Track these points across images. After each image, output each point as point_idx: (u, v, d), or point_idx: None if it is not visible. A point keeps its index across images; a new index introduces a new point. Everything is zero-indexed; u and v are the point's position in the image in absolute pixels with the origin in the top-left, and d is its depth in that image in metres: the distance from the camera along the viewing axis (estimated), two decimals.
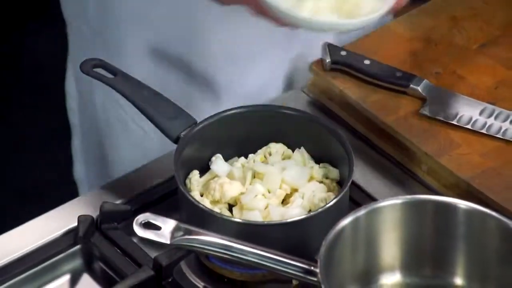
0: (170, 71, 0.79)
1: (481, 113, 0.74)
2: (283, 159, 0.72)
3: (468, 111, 0.74)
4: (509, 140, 0.73)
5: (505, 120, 0.74)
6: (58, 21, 0.84)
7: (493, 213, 0.65)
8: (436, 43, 0.79)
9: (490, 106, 0.75)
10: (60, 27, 0.84)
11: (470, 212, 0.66)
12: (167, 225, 0.65)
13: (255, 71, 0.80)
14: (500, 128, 0.74)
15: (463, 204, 0.66)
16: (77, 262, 0.70)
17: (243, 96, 0.80)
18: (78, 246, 0.70)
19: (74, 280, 0.70)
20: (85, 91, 0.84)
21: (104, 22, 0.79)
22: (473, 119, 0.74)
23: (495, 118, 0.74)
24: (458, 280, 0.66)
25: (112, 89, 0.71)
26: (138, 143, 0.82)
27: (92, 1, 0.80)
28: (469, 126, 0.74)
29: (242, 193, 0.69)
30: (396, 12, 0.68)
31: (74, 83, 0.85)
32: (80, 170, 0.89)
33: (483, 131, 0.74)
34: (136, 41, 0.73)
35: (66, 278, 0.70)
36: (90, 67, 0.72)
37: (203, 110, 0.72)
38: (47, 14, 1.35)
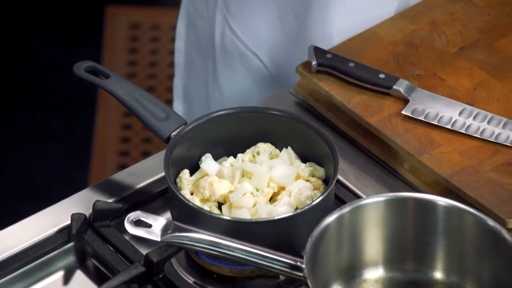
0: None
1: (460, 114, 0.77)
2: (271, 158, 0.74)
3: (448, 111, 0.77)
4: (487, 140, 0.75)
5: (483, 121, 0.76)
6: (57, 24, 0.85)
7: (471, 209, 0.67)
8: (417, 46, 0.81)
9: (469, 107, 0.77)
10: (57, 31, 0.85)
11: (449, 209, 0.68)
12: (158, 222, 0.66)
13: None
14: (478, 128, 0.76)
15: (442, 201, 0.68)
16: (70, 259, 0.72)
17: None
18: (71, 244, 0.72)
19: (67, 277, 0.71)
20: (199, 27, 0.84)
21: None
22: (453, 120, 0.76)
23: (474, 118, 0.76)
24: (438, 274, 0.68)
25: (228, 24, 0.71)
26: (254, 73, 0.82)
27: None
28: (449, 126, 0.76)
29: (231, 192, 0.71)
30: None
31: (184, 24, 0.87)
32: (178, 108, 0.90)
33: (462, 131, 0.76)
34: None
35: (59, 274, 0.71)
36: (82, 69, 0.74)
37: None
38: (45, 18, 1.36)
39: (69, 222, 0.71)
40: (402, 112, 0.77)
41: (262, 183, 0.71)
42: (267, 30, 0.81)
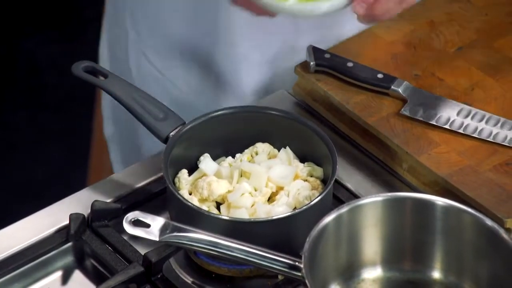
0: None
1: (458, 114, 0.77)
2: (269, 158, 0.74)
3: (446, 111, 0.77)
4: (485, 139, 0.76)
5: (480, 120, 0.77)
6: (54, 25, 0.85)
7: (469, 209, 0.68)
8: (415, 46, 0.81)
9: (467, 107, 0.77)
10: (56, 31, 0.85)
11: (447, 209, 0.68)
12: (156, 222, 0.67)
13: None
14: (476, 128, 0.76)
15: (440, 200, 0.68)
16: (69, 259, 0.72)
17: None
18: (69, 244, 0.72)
19: (65, 277, 0.71)
20: (118, 53, 0.85)
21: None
22: (451, 119, 0.76)
23: (472, 118, 0.77)
24: (436, 274, 0.69)
25: (143, 51, 0.72)
26: (170, 98, 0.82)
27: None
28: (447, 126, 0.76)
29: (229, 192, 0.71)
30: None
31: (107, 47, 0.87)
32: (109, 130, 0.90)
33: (460, 130, 0.76)
34: (170, 15, 0.74)
35: (58, 274, 0.71)
36: (80, 69, 0.74)
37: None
38: (43, 17, 1.36)
39: (67, 222, 0.71)
40: (401, 112, 0.77)
41: (261, 183, 0.71)
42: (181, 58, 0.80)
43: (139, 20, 0.83)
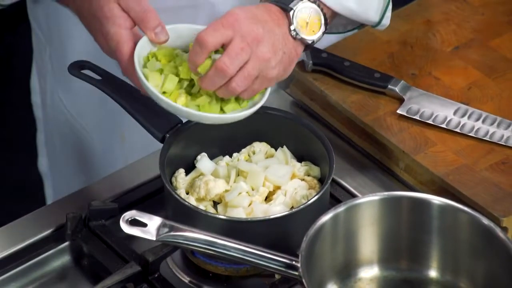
0: None
1: (455, 113, 0.77)
2: (266, 157, 0.74)
3: (443, 111, 0.77)
4: (481, 139, 0.76)
5: (477, 120, 0.77)
6: None
7: (465, 208, 0.68)
8: (412, 45, 0.81)
9: (464, 106, 0.78)
10: None
11: (443, 207, 0.68)
12: (153, 222, 0.67)
13: None
14: (473, 127, 0.76)
15: (437, 199, 0.68)
16: (66, 259, 0.72)
17: None
18: (66, 243, 0.72)
19: (63, 276, 0.71)
20: (45, 89, 0.85)
21: (52, 33, 0.81)
22: (448, 119, 0.77)
23: (468, 117, 0.77)
24: (433, 272, 0.69)
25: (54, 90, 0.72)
26: (80, 142, 0.83)
27: (42, 12, 0.82)
28: (444, 125, 0.76)
29: (226, 191, 0.71)
30: None
31: (37, 79, 0.87)
32: (44, 164, 0.90)
33: (457, 130, 0.76)
34: (77, 56, 0.74)
35: (55, 274, 0.71)
36: (77, 68, 0.74)
37: None
38: None
39: (64, 221, 0.71)
40: (397, 111, 0.77)
41: (258, 182, 0.71)
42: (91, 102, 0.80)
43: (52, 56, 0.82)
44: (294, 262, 0.65)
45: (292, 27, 0.67)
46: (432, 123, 0.76)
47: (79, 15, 0.69)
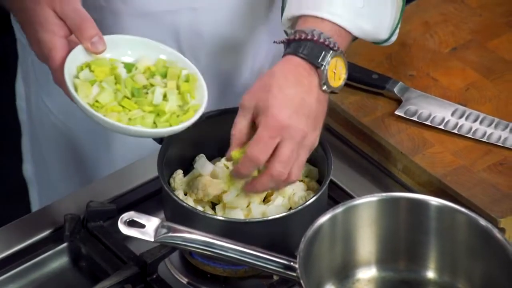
0: None
1: (452, 114, 0.77)
2: None
3: (441, 112, 0.77)
4: (479, 140, 0.76)
5: (475, 121, 0.77)
6: None
7: (463, 209, 0.68)
8: (410, 47, 0.82)
9: (461, 107, 0.78)
10: None
11: (441, 208, 0.68)
12: (151, 223, 0.67)
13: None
14: (471, 128, 0.76)
15: (434, 200, 0.68)
16: (64, 260, 0.72)
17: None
18: (64, 244, 0.72)
19: (61, 277, 0.71)
20: (29, 93, 0.85)
21: None
22: (445, 120, 0.77)
23: (466, 118, 0.77)
24: (430, 273, 0.69)
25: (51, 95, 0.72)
26: (67, 146, 0.82)
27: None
28: (441, 126, 0.77)
29: (224, 192, 0.71)
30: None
31: (22, 84, 0.86)
32: (29, 169, 0.89)
33: (455, 131, 0.76)
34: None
35: (53, 275, 0.71)
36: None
37: None
38: None
39: (62, 222, 0.71)
40: (395, 112, 0.77)
41: None
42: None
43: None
44: (292, 263, 0.65)
45: (323, 83, 0.66)
46: (430, 124, 0.76)
47: (18, 20, 0.68)
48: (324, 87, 0.67)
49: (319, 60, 0.66)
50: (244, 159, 0.66)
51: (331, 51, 0.66)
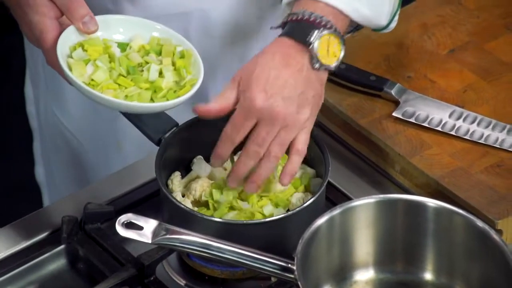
0: None
1: (450, 116, 0.77)
2: None
3: (438, 113, 0.77)
4: (476, 141, 0.76)
5: (472, 122, 0.77)
6: None
7: (460, 211, 0.68)
8: (407, 48, 0.82)
9: (459, 109, 0.78)
10: None
11: (438, 210, 0.68)
12: (149, 225, 0.67)
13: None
14: (468, 130, 0.77)
15: (432, 202, 0.68)
16: (61, 262, 0.71)
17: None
18: (62, 246, 0.71)
19: (58, 279, 0.71)
20: (38, 98, 0.85)
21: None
22: (443, 122, 0.77)
23: (463, 120, 0.77)
24: (428, 275, 0.69)
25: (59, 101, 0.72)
26: (74, 153, 0.83)
27: None
28: (439, 128, 0.77)
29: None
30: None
31: (31, 89, 0.86)
32: (41, 173, 0.90)
33: (452, 132, 0.76)
34: None
35: (50, 277, 0.71)
36: None
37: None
38: None
39: (60, 224, 0.71)
40: (393, 114, 0.77)
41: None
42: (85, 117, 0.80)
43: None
44: (289, 265, 0.65)
45: (314, 61, 0.66)
46: (427, 125, 0.76)
47: (7, 4, 0.67)
48: (316, 65, 0.66)
49: (307, 38, 0.65)
50: (221, 139, 0.66)
51: (322, 28, 0.65)
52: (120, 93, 0.66)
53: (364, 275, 0.69)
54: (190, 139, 0.73)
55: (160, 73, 0.67)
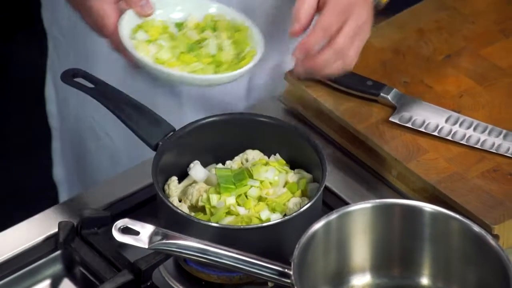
0: (138, 79, 0.81)
1: (446, 121, 0.77)
2: (258, 164, 0.73)
3: (435, 118, 0.77)
4: (473, 146, 0.76)
5: (469, 127, 0.77)
6: (44, 32, 0.86)
7: (456, 216, 0.68)
8: (404, 54, 0.82)
9: (455, 114, 0.78)
10: (46, 38, 0.85)
11: (435, 215, 0.68)
12: (145, 230, 0.67)
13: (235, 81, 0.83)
14: (464, 135, 0.77)
15: (428, 207, 0.68)
16: (58, 267, 0.71)
17: (222, 104, 0.82)
18: (58, 252, 0.71)
19: (54, 285, 0.71)
20: (62, 98, 0.86)
21: (76, 32, 0.81)
22: (440, 127, 0.77)
23: (460, 125, 0.77)
24: (425, 280, 0.69)
25: (86, 99, 0.73)
26: (107, 152, 0.84)
27: (65, 12, 0.82)
28: (435, 133, 0.77)
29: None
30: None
31: (53, 89, 0.87)
32: (59, 173, 0.90)
33: (449, 137, 0.77)
34: (106, 50, 0.75)
35: (46, 283, 0.71)
36: (70, 76, 0.74)
37: (176, 121, 0.74)
38: (34, 25, 1.36)
39: (56, 230, 0.71)
40: (390, 119, 0.77)
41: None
42: None
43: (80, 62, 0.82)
44: (286, 270, 0.65)
45: None
46: (424, 130, 0.77)
47: None
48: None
49: None
50: (317, 27, 0.68)
51: None
52: (185, 70, 0.68)
53: (361, 280, 0.69)
54: (187, 144, 0.73)
55: (219, 48, 0.69)
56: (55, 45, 0.84)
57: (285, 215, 0.70)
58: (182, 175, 0.73)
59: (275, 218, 0.69)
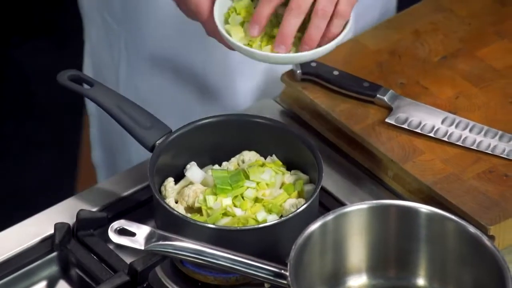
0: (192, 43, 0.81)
1: (442, 122, 0.77)
2: (254, 165, 0.73)
3: (431, 120, 0.77)
4: (469, 147, 0.76)
5: (465, 129, 0.77)
6: (42, 34, 0.86)
7: (452, 217, 0.68)
8: (400, 55, 0.82)
9: (451, 115, 0.78)
10: (43, 40, 0.85)
11: (431, 216, 0.68)
12: (142, 231, 0.67)
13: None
14: (460, 136, 0.77)
15: (424, 208, 0.69)
16: (54, 269, 0.71)
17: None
18: (54, 253, 0.71)
19: (50, 287, 0.71)
20: (106, 76, 0.86)
21: (128, 18, 0.82)
22: (436, 128, 0.77)
23: (456, 126, 0.77)
24: (421, 281, 0.69)
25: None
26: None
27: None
28: (431, 134, 0.77)
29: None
30: None
31: (91, 72, 0.87)
32: (97, 156, 0.91)
33: (445, 138, 0.77)
34: (155, 40, 0.75)
35: (42, 284, 0.71)
36: (66, 78, 0.74)
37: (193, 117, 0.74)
38: (31, 27, 1.36)
39: (52, 231, 0.71)
40: (386, 120, 0.77)
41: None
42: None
43: (128, 37, 0.82)
44: (282, 271, 0.65)
45: None
46: (420, 132, 0.77)
47: None
48: None
49: None
50: (287, 9, 0.67)
51: None
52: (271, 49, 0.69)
53: (357, 281, 0.69)
54: (183, 145, 0.73)
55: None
56: (99, 28, 0.83)
57: (281, 216, 0.71)
58: (179, 176, 0.73)
59: (272, 219, 0.69)
